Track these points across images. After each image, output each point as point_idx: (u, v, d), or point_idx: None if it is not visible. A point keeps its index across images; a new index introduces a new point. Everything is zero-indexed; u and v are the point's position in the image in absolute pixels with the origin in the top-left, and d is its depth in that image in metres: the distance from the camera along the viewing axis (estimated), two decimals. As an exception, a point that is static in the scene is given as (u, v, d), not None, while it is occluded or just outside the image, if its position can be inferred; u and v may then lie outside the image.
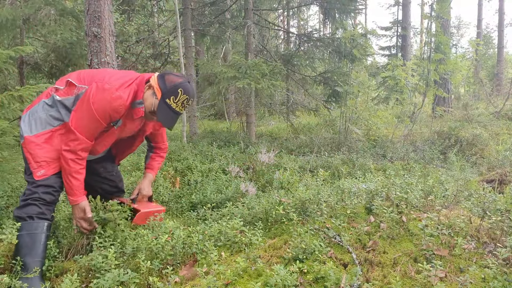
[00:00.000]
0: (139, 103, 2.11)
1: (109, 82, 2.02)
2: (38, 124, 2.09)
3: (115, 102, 2.00)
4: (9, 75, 6.89)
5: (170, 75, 2.11)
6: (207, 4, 8.24)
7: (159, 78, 2.09)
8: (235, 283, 1.68)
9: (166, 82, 2.08)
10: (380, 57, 18.37)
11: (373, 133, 6.97)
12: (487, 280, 1.62)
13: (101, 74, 2.12)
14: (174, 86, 2.06)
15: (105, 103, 1.99)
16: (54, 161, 2.07)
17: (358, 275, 1.68)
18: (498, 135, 7.06)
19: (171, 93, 2.05)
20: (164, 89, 2.06)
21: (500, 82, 16.19)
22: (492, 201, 2.17)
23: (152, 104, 2.09)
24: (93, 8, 4.34)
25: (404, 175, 3.22)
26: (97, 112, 1.99)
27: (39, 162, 2.04)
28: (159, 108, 2.06)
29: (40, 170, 2.04)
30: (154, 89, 2.08)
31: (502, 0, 16.84)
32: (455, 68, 6.89)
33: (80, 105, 2.03)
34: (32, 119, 2.10)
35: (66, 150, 2.03)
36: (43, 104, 2.13)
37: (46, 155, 2.05)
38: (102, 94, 1.99)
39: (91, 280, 1.69)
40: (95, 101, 1.98)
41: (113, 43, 4.56)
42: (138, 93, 2.10)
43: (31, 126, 2.09)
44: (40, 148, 2.05)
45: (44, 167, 2.04)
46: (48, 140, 2.08)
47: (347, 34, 6.73)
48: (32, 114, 2.12)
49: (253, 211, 2.43)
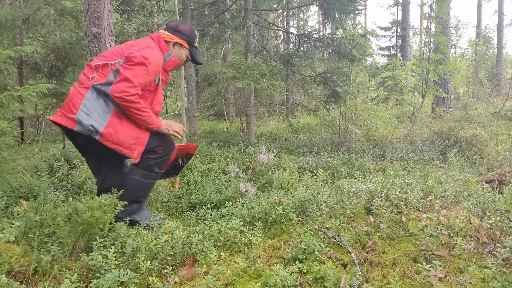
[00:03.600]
0: (168, 55, 2.48)
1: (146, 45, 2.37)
2: (100, 115, 2.25)
3: (158, 59, 2.36)
4: (8, 75, 6.88)
5: (179, 26, 2.55)
6: (206, 4, 8.24)
7: (176, 32, 2.52)
8: (234, 283, 1.68)
9: (184, 32, 2.53)
10: (380, 57, 18.42)
11: (373, 133, 6.98)
12: (487, 280, 1.62)
13: (127, 46, 2.42)
14: (191, 31, 2.56)
15: (153, 57, 2.32)
16: (138, 133, 2.34)
17: (358, 275, 1.68)
18: (497, 136, 7.07)
19: (193, 38, 2.56)
20: (187, 38, 2.54)
21: (500, 82, 16.21)
22: (491, 201, 2.17)
23: (185, 54, 2.58)
24: (93, 8, 4.34)
25: (403, 175, 3.23)
26: (149, 63, 2.28)
27: (129, 147, 2.30)
28: (192, 53, 2.59)
29: (133, 152, 2.32)
30: (180, 43, 2.53)
31: (502, 1, 16.86)
32: (455, 68, 6.89)
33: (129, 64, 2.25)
34: (94, 114, 2.24)
35: (127, 95, 2.20)
36: (91, 93, 2.28)
37: (128, 137, 2.30)
38: (149, 52, 2.32)
39: (91, 280, 1.69)
40: (146, 56, 2.27)
41: (113, 43, 4.56)
42: (162, 49, 2.47)
43: (97, 120, 2.24)
44: (119, 134, 2.27)
45: (135, 147, 2.32)
46: (117, 121, 2.29)
47: (347, 35, 6.73)
48: (88, 109, 2.24)
49: (253, 211, 2.43)
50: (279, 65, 6.55)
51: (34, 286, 1.74)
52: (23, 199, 2.93)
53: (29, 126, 8.15)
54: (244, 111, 7.77)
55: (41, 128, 7.59)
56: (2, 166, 2.84)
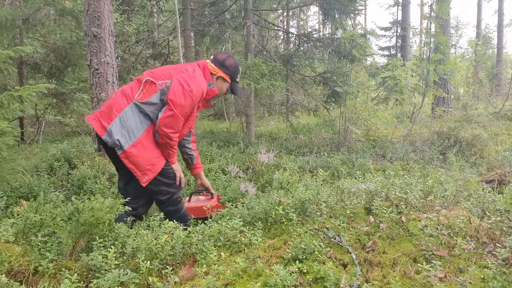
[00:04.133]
0: (210, 85, 2.61)
1: (194, 73, 2.50)
2: (131, 133, 2.37)
3: (202, 89, 2.49)
4: (8, 75, 6.88)
5: (225, 61, 2.66)
6: (207, 4, 8.24)
7: (222, 67, 2.65)
8: (234, 283, 1.68)
9: (228, 67, 2.67)
10: (380, 58, 18.42)
11: (373, 133, 6.98)
12: (487, 280, 1.62)
13: (176, 68, 2.55)
14: (235, 67, 2.69)
15: (198, 88, 2.45)
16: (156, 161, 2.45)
17: (358, 275, 1.68)
18: (497, 136, 7.07)
19: (236, 73, 2.71)
20: (231, 73, 2.68)
21: (500, 82, 16.21)
22: (491, 201, 2.17)
23: (226, 87, 2.72)
24: (93, 8, 4.34)
25: (403, 175, 3.23)
26: (194, 95, 2.43)
27: (143, 171, 2.41)
28: (233, 87, 2.73)
29: (144, 177, 2.42)
30: (223, 77, 2.66)
31: (502, 1, 16.86)
32: (455, 68, 6.89)
33: (178, 95, 2.38)
34: (124, 130, 2.36)
35: (171, 132, 2.40)
36: (130, 110, 2.40)
37: (146, 162, 2.41)
38: (195, 82, 2.45)
39: (91, 280, 1.69)
40: (192, 88, 2.41)
41: (112, 43, 4.56)
42: (206, 78, 2.60)
43: (125, 137, 2.36)
44: (140, 157, 2.38)
45: (147, 173, 2.43)
46: (144, 144, 2.41)
47: (347, 35, 6.73)
48: (122, 124, 2.37)
49: (253, 211, 2.43)
50: (279, 65, 6.56)
51: (34, 286, 1.74)
52: (23, 199, 2.93)
53: (29, 126, 8.15)
54: (244, 111, 7.77)
55: (41, 128, 7.60)
56: (2, 166, 2.84)
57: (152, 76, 2.47)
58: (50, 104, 7.45)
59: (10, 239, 1.78)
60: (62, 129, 9.20)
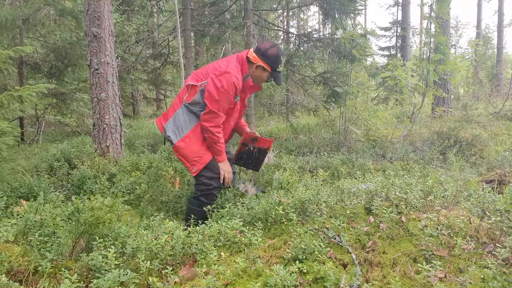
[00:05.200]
0: (246, 76, 2.78)
1: (226, 68, 2.65)
2: (180, 129, 2.76)
3: (235, 80, 2.64)
4: (8, 75, 6.88)
5: (268, 51, 2.73)
6: (207, 4, 8.24)
7: (263, 57, 2.73)
8: (234, 283, 1.68)
9: (269, 57, 2.73)
10: (380, 58, 18.41)
11: (373, 133, 6.97)
12: (487, 280, 1.62)
13: (212, 67, 2.75)
14: (277, 57, 2.74)
15: (229, 83, 2.62)
16: (206, 149, 2.77)
17: (358, 275, 1.68)
18: (497, 136, 7.07)
19: (277, 63, 2.75)
20: (272, 64, 2.75)
21: (500, 82, 16.21)
22: (491, 201, 2.17)
23: (266, 75, 2.81)
24: (93, 8, 4.34)
25: (403, 176, 3.22)
26: (226, 91, 2.62)
27: (191, 162, 2.75)
28: (273, 76, 2.80)
29: (193, 168, 2.76)
30: (263, 67, 2.75)
31: (502, 1, 16.85)
32: (455, 68, 6.88)
33: (211, 93, 2.64)
34: (175, 127, 2.78)
35: (212, 126, 2.68)
36: (181, 110, 2.79)
37: (193, 154, 2.74)
38: (225, 77, 2.62)
39: (91, 280, 1.69)
40: (223, 84, 2.61)
41: (112, 43, 4.56)
42: (243, 70, 2.76)
43: (175, 133, 2.77)
44: (187, 149, 2.74)
45: (196, 164, 2.75)
46: (192, 138, 2.74)
47: (347, 35, 6.72)
48: (174, 122, 2.79)
49: (253, 211, 2.43)
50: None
51: (33, 285, 1.74)
52: (23, 199, 2.93)
53: (29, 126, 8.15)
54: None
55: (41, 128, 7.60)
56: (2, 166, 2.84)
57: (194, 78, 2.78)
58: (50, 104, 7.45)
59: (10, 239, 1.78)
60: (62, 129, 9.20)
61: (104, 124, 4.47)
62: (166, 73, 13.05)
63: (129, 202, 3.40)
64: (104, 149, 4.48)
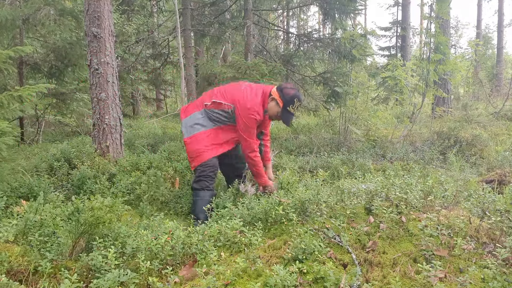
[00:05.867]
0: (265, 112, 3.12)
1: (250, 102, 3.01)
2: (191, 129, 3.19)
3: (257, 116, 3.03)
4: (8, 75, 6.88)
5: (286, 89, 3.06)
6: (207, 4, 8.24)
7: (279, 91, 3.07)
8: (234, 283, 1.68)
9: (285, 95, 3.04)
10: (380, 58, 18.41)
11: (373, 133, 6.96)
12: (487, 280, 1.62)
13: (238, 94, 3.08)
14: (291, 97, 3.03)
15: (251, 118, 3.02)
16: (204, 150, 3.11)
17: (358, 276, 1.68)
18: (497, 136, 7.06)
19: (290, 103, 3.04)
20: (285, 101, 3.04)
21: (500, 82, 16.20)
22: (491, 201, 2.17)
23: (277, 111, 3.11)
24: (93, 8, 4.34)
25: (403, 176, 3.22)
26: (249, 123, 3.04)
27: (191, 158, 3.18)
28: (283, 113, 3.10)
29: (192, 162, 3.18)
30: (277, 101, 3.06)
31: (502, 1, 16.85)
32: (455, 68, 6.87)
33: (240, 125, 3.07)
34: (187, 127, 3.21)
35: (250, 152, 3.10)
36: (199, 114, 3.19)
37: (194, 152, 3.13)
38: (248, 112, 3.01)
39: (91, 280, 1.69)
40: (247, 119, 3.02)
41: (112, 43, 4.56)
42: (264, 105, 3.10)
43: (187, 130, 3.20)
44: (191, 147, 3.16)
45: (193, 161, 3.15)
46: (198, 139, 3.14)
47: (347, 35, 6.72)
48: (192, 119, 3.20)
49: (253, 211, 2.43)
50: (279, 65, 6.56)
51: (33, 285, 1.74)
52: (23, 199, 2.92)
53: (29, 126, 8.14)
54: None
55: (41, 128, 7.59)
56: (2, 166, 2.84)
57: (221, 98, 3.11)
58: (50, 104, 7.45)
59: (10, 239, 1.78)
60: (62, 129, 9.19)
61: (104, 124, 4.47)
62: (166, 73, 13.05)
63: (129, 202, 3.40)
64: (104, 149, 4.48)
